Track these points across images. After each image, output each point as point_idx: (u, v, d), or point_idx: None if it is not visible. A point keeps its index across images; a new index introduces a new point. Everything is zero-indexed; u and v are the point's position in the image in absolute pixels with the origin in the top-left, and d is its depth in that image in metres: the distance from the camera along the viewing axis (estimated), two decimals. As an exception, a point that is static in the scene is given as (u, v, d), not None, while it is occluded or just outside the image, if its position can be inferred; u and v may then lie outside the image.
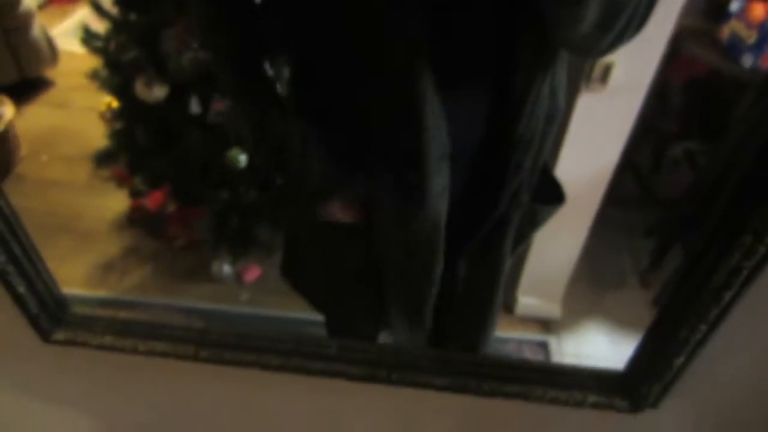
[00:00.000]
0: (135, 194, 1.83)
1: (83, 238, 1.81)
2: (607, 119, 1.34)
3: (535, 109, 0.78)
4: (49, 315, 0.73)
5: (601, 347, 1.63)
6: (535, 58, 0.75)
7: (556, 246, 1.61)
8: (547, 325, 1.74)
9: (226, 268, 1.79)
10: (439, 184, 0.78)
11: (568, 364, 0.78)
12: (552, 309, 1.72)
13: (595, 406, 0.74)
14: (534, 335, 1.73)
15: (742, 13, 1.42)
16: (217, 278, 1.80)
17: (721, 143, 1.50)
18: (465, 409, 0.83)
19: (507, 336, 1.73)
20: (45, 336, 0.74)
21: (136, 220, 1.83)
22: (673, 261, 1.66)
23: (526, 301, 1.74)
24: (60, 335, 0.75)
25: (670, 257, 1.67)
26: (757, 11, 1.41)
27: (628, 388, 0.73)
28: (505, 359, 0.81)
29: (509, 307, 1.75)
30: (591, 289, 1.72)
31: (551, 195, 0.95)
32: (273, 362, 0.72)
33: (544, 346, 1.71)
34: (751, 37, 1.40)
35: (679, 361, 0.67)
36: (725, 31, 1.47)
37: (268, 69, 0.88)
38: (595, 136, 1.35)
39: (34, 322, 0.72)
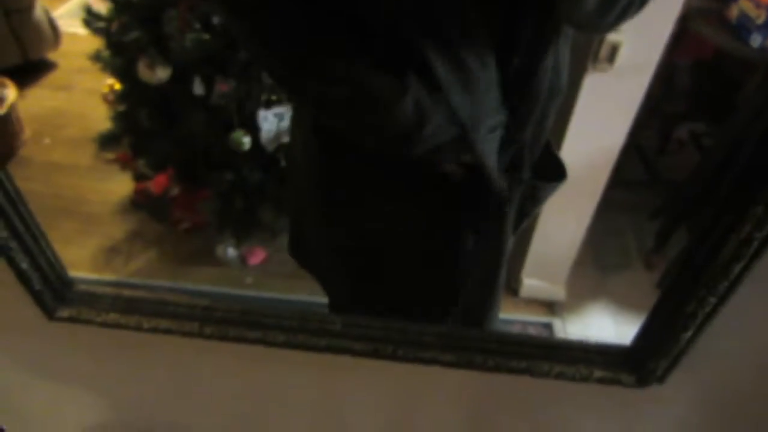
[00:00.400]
0: (139, 177, 1.83)
1: (88, 222, 1.81)
2: (614, 99, 1.33)
3: (539, 85, 0.78)
4: (53, 292, 0.73)
5: (606, 329, 1.63)
6: (539, 33, 0.74)
7: (561, 228, 1.60)
8: (551, 306, 1.74)
9: (231, 251, 1.80)
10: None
11: (574, 340, 0.78)
12: (556, 291, 1.73)
13: (601, 381, 0.74)
14: (539, 317, 1.74)
15: (752, -8, 1.40)
16: (221, 261, 1.80)
17: (728, 124, 1.48)
18: (471, 386, 0.83)
19: (512, 318, 1.74)
20: (49, 313, 0.74)
21: (140, 203, 1.83)
22: (677, 243, 1.65)
23: (531, 283, 1.74)
24: (64, 312, 0.75)
25: (675, 239, 1.66)
26: (767, -9, 1.40)
27: (635, 362, 0.73)
28: (511, 335, 0.82)
29: (514, 289, 1.75)
30: (595, 271, 1.72)
31: (553, 172, 0.95)
32: (278, 339, 0.72)
33: (548, 328, 1.71)
34: (760, 16, 1.39)
35: (687, 335, 0.66)
36: (734, 11, 1.45)
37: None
38: (601, 116, 1.34)
39: (38, 298, 0.72)
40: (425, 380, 0.80)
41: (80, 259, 1.69)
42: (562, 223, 1.59)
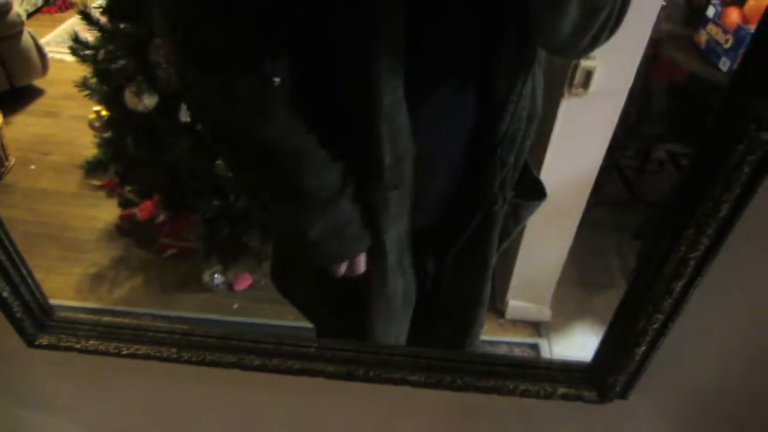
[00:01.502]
0: (125, 204, 1.84)
1: (72, 248, 1.81)
2: (590, 122, 1.36)
3: (518, 108, 0.82)
4: (33, 319, 0.74)
5: (592, 348, 1.63)
6: (517, 59, 0.78)
7: (544, 249, 1.62)
8: (537, 327, 1.75)
9: (217, 277, 1.80)
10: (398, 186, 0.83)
11: (540, 358, 0.80)
12: (542, 311, 1.74)
13: (565, 397, 0.75)
14: (525, 338, 1.74)
15: (719, 18, 1.44)
16: (208, 288, 1.80)
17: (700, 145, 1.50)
18: (443, 405, 0.84)
19: (498, 339, 1.74)
20: (29, 341, 0.75)
21: (126, 230, 1.83)
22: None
23: (516, 305, 1.75)
24: (44, 339, 0.75)
25: (657, 258, 1.68)
26: (733, 16, 1.44)
27: (595, 379, 0.75)
28: (478, 355, 0.83)
29: (500, 310, 1.76)
30: (580, 291, 1.73)
31: (533, 191, 0.98)
32: (254, 362, 0.73)
33: (535, 348, 1.72)
34: (728, 41, 1.43)
35: (640, 350, 0.68)
36: (703, 36, 1.49)
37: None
38: (578, 139, 1.37)
39: (18, 327, 0.73)
40: (399, 401, 0.81)
41: (64, 287, 1.68)
42: (546, 243, 1.60)
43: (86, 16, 1.58)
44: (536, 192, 1.00)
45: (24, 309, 0.72)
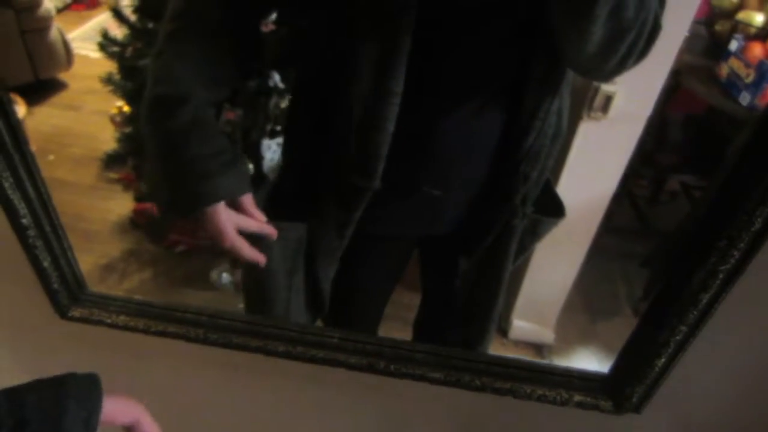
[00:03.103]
0: (139, 198, 1.85)
1: (85, 238, 1.82)
2: (607, 147, 1.37)
3: (544, 125, 0.83)
4: (69, 291, 0.75)
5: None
6: (547, 78, 0.80)
7: (552, 271, 1.63)
8: (540, 349, 1.75)
9: (225, 276, 1.80)
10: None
11: (557, 365, 0.80)
12: (545, 334, 1.73)
13: (580, 405, 0.76)
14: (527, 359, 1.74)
15: (741, 52, 1.46)
16: (215, 286, 1.81)
17: (714, 177, 1.53)
18: (458, 405, 0.85)
19: (500, 359, 1.73)
20: (62, 312, 0.76)
21: (138, 223, 1.84)
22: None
23: (521, 325, 1.75)
24: (76, 312, 0.76)
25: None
26: (756, 50, 1.46)
27: (612, 388, 0.75)
28: (498, 357, 0.84)
29: (503, 330, 1.76)
30: (585, 315, 1.74)
31: (552, 208, 1.00)
32: (278, 348, 0.74)
33: (536, 371, 1.71)
34: (749, 75, 1.45)
35: (660, 362, 0.69)
36: (724, 69, 1.51)
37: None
38: (594, 163, 1.39)
39: (53, 297, 0.74)
40: (415, 397, 0.82)
41: (75, 276, 1.69)
42: (554, 265, 1.61)
43: (117, 14, 1.61)
44: (556, 209, 1.02)
45: (61, 281, 0.74)
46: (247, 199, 0.80)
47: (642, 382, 0.73)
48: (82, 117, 2.25)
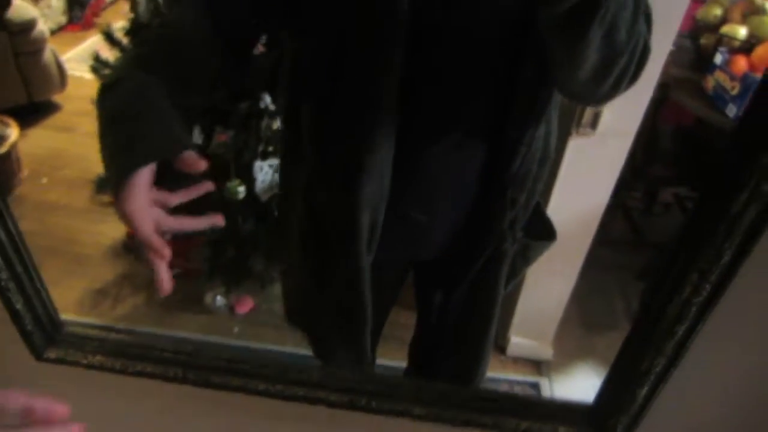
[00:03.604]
0: (133, 221, 1.84)
1: (77, 263, 1.81)
2: (597, 162, 1.37)
3: (530, 150, 0.83)
4: (44, 333, 0.74)
5: (593, 389, 1.62)
6: (532, 104, 0.79)
7: (548, 286, 1.62)
8: (538, 366, 1.74)
9: (219, 300, 1.80)
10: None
11: (541, 397, 0.80)
12: (544, 350, 1.73)
13: (565, 438, 0.75)
14: (526, 377, 1.72)
15: (726, 65, 1.47)
16: (209, 309, 1.80)
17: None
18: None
19: (499, 377, 1.72)
20: (38, 354, 0.75)
21: (131, 247, 1.83)
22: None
23: (518, 342, 1.74)
24: (52, 353, 0.76)
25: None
26: (740, 64, 1.47)
27: (597, 420, 0.74)
28: (481, 391, 0.84)
29: (501, 347, 1.75)
30: (582, 330, 1.72)
31: (543, 232, 0.99)
32: (258, 387, 0.74)
33: (536, 387, 1.70)
34: (734, 88, 1.45)
35: (642, 392, 0.69)
36: (710, 82, 1.52)
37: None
38: (585, 178, 1.38)
39: (28, 339, 0.73)
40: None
41: (66, 301, 1.67)
42: (550, 281, 1.60)
43: (109, 37, 1.61)
44: (546, 233, 1.01)
45: (35, 322, 0.73)
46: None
47: (626, 413, 0.72)
48: (75, 139, 2.25)
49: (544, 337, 1.70)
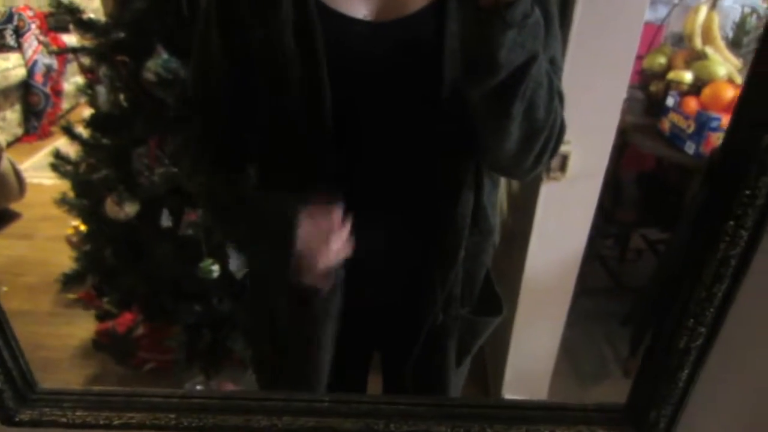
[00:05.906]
0: (102, 317, 1.77)
1: (44, 368, 1.68)
2: (570, 206, 1.40)
3: (462, 227, 0.83)
4: (15, 392, 0.67)
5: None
6: (458, 182, 0.81)
7: (535, 340, 1.60)
8: (535, 425, 1.67)
9: (199, 389, 1.70)
10: None
11: (571, 402, 0.75)
12: (538, 407, 1.66)
13: (604, 439, 0.70)
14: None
15: (678, 107, 1.56)
16: (187, 402, 1.70)
17: (676, 230, 1.58)
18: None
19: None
20: (9, 417, 0.68)
21: (102, 345, 1.75)
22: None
23: (513, 399, 1.68)
24: (25, 415, 0.68)
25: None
26: (691, 104, 1.57)
27: (635, 416, 0.70)
28: (507, 401, 0.78)
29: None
30: (576, 382, 1.69)
31: (489, 307, 0.97)
32: (261, 423, 0.67)
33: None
34: (690, 126, 1.53)
35: (683, 374, 0.65)
36: (666, 123, 1.60)
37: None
38: (561, 222, 1.40)
39: (-3, 400, 0.66)
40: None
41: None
42: (537, 334, 1.58)
43: (68, 131, 1.61)
44: (492, 308, 0.97)
45: (5, 379, 0.66)
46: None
47: (666, 402, 0.67)
48: (35, 244, 2.20)
49: (539, 392, 1.65)
